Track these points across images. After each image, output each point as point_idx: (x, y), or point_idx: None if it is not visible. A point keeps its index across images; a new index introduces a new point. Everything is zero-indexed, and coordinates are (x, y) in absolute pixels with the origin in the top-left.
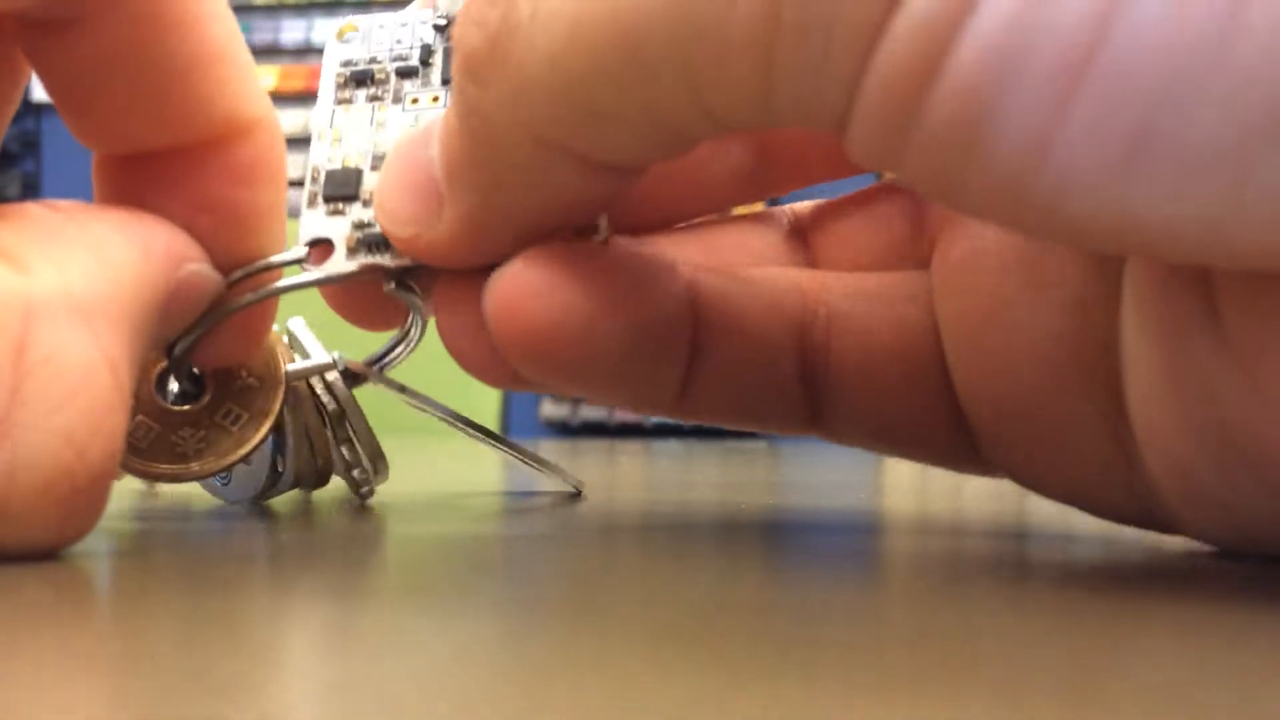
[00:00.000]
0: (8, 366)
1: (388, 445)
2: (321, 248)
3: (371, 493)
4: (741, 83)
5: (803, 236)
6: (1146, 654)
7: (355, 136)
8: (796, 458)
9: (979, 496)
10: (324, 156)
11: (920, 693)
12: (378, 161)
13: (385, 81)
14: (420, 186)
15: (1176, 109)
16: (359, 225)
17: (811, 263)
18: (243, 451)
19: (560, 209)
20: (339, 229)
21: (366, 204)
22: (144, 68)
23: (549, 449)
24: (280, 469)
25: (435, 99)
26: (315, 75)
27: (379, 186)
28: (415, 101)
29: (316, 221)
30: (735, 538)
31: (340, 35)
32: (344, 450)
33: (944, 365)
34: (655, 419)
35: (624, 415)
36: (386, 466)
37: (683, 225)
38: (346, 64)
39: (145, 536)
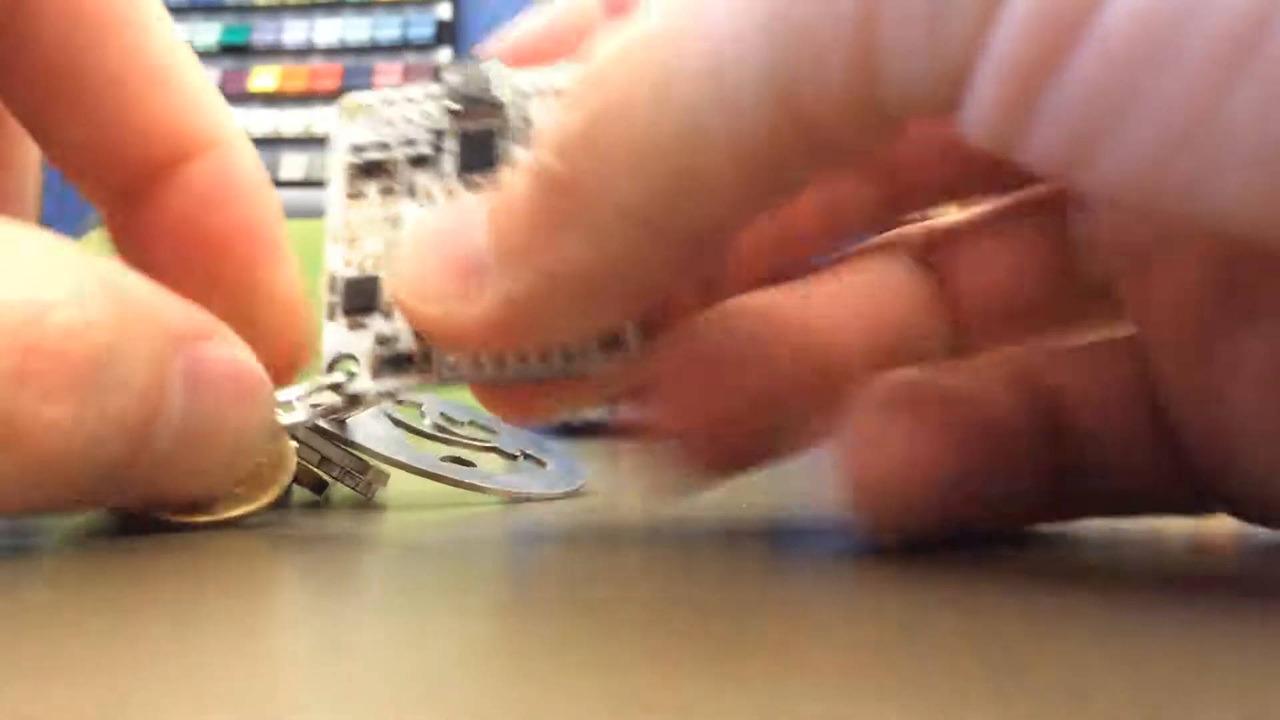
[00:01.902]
0: None
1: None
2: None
3: (373, 492)
4: (840, 77)
5: (930, 264)
6: (1148, 654)
7: (370, 237)
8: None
9: None
10: (340, 261)
11: (921, 693)
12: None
13: (397, 173)
14: (455, 263)
15: None
16: (381, 340)
17: (943, 292)
18: (248, 509)
19: (628, 297)
20: (362, 345)
21: (387, 315)
22: (77, 80)
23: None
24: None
25: (451, 192)
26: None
27: (401, 264)
28: (430, 196)
29: (339, 337)
30: (736, 537)
31: (346, 112)
32: (338, 462)
33: (1162, 411)
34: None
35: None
36: (385, 473)
37: (792, 271)
38: (356, 150)
39: (147, 536)
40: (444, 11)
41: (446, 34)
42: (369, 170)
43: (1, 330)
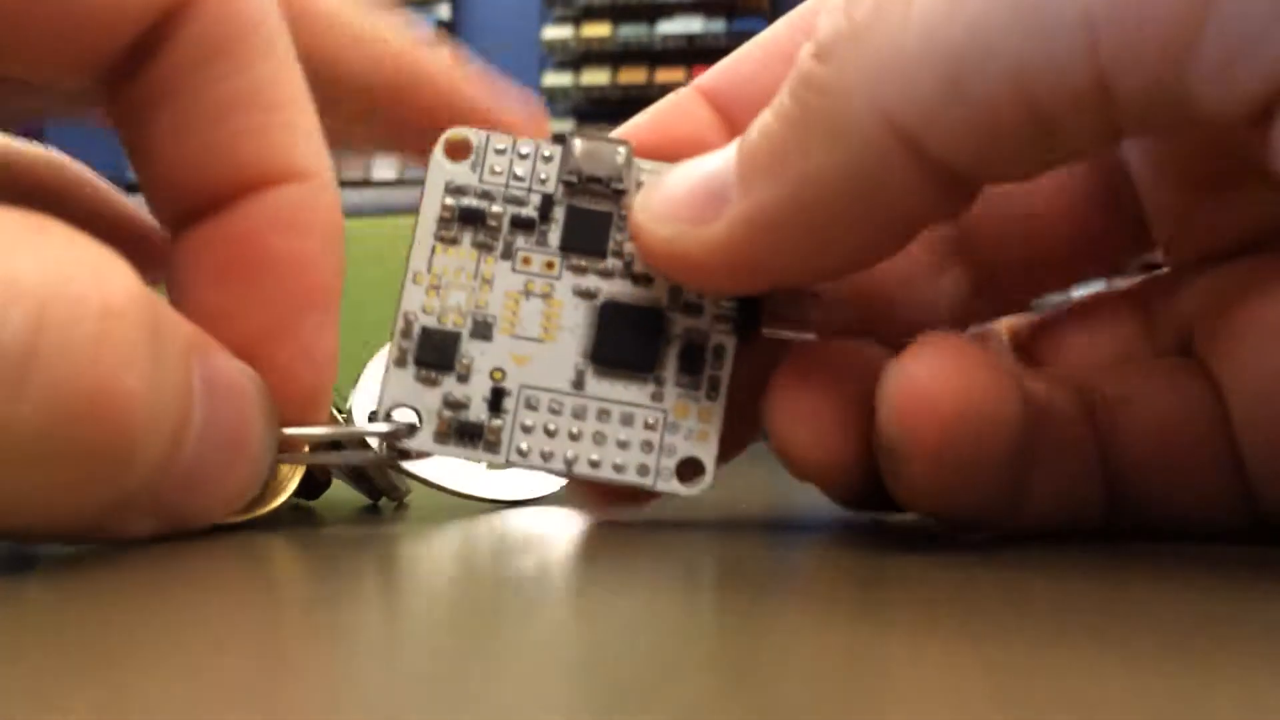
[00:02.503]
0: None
1: None
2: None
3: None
4: (1157, 33)
5: (1022, 351)
6: (1147, 655)
7: (456, 289)
8: None
9: None
10: (419, 305)
11: (921, 693)
12: (479, 328)
13: (496, 229)
14: (701, 187)
15: None
16: (451, 404)
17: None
18: (254, 515)
19: (865, 225)
20: (429, 402)
21: (463, 378)
22: (191, 101)
23: None
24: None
25: (550, 265)
26: None
27: (649, 191)
28: (527, 263)
29: (404, 386)
30: (736, 537)
31: (448, 150)
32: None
33: (1230, 434)
34: None
35: None
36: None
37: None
38: (455, 192)
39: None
40: (443, 11)
41: (446, 34)
42: (466, 217)
43: (74, 295)
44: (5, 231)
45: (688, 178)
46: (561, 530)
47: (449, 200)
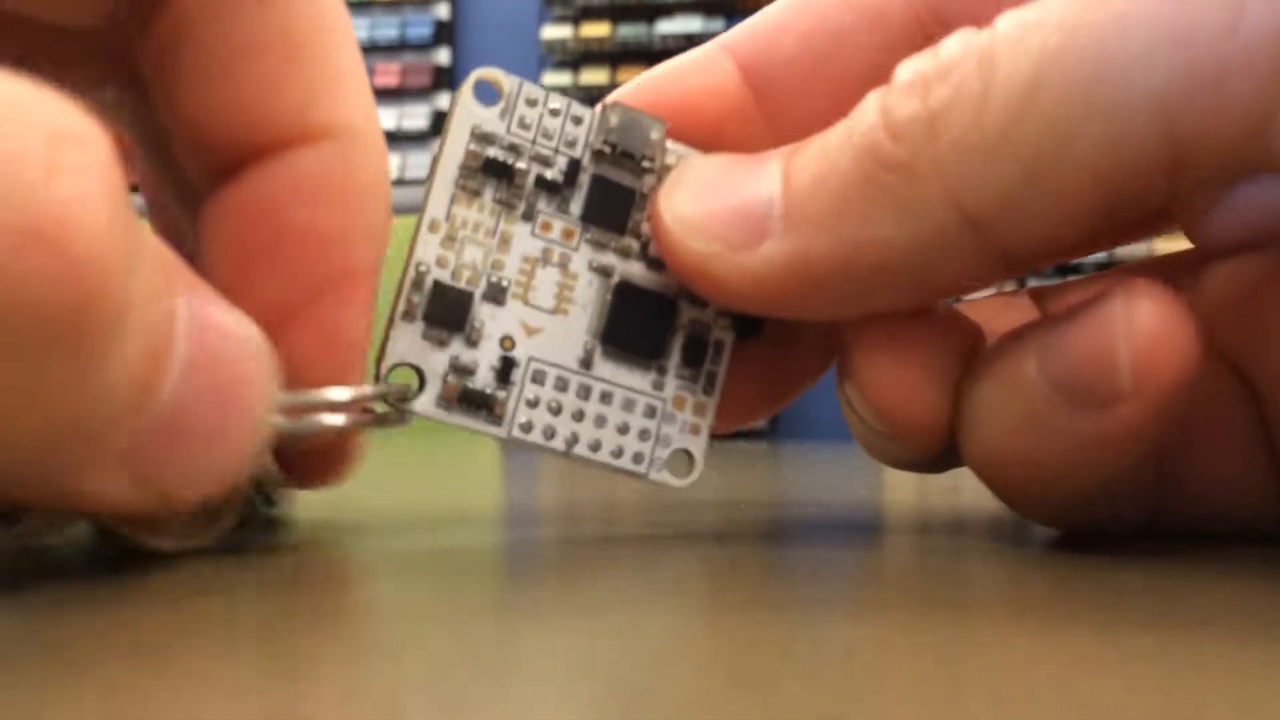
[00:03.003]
0: None
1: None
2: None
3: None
4: (1235, 108)
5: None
6: (1147, 656)
7: (473, 246)
8: (797, 458)
9: (979, 496)
10: (432, 256)
11: (921, 693)
12: (492, 290)
13: (520, 187)
14: (740, 208)
15: None
16: (458, 368)
17: None
18: (220, 528)
19: (911, 290)
20: (435, 364)
21: (472, 343)
22: (206, 41)
23: None
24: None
25: (569, 234)
26: None
27: (674, 194)
28: (547, 228)
29: (409, 342)
30: (735, 537)
31: (481, 88)
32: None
33: (1265, 433)
34: None
35: None
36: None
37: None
38: (481, 139)
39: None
40: (442, 11)
41: (445, 34)
42: (491, 169)
43: (17, 111)
44: None
45: (726, 195)
46: (557, 531)
47: (474, 147)
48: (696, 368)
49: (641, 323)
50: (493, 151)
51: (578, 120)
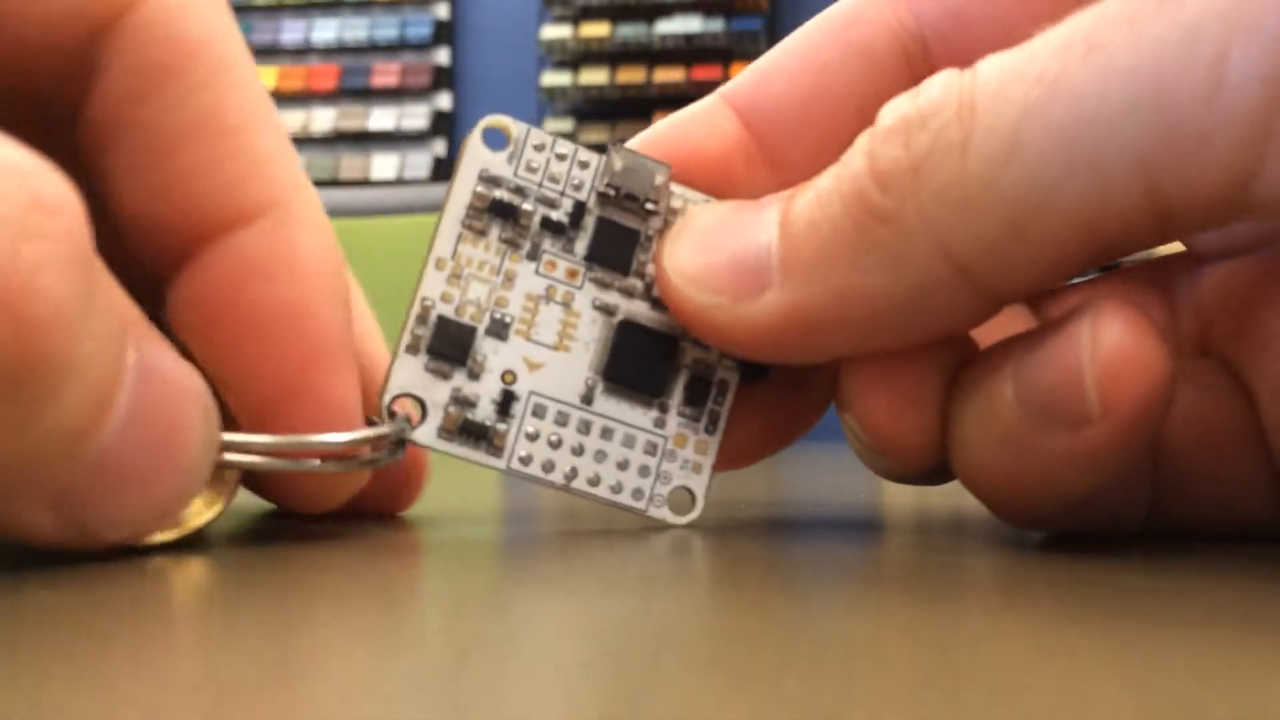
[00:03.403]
0: None
1: None
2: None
3: None
4: (1215, 171)
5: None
6: (1147, 655)
7: (478, 283)
8: (796, 458)
9: None
10: (438, 291)
11: (920, 693)
12: (495, 326)
13: (526, 227)
14: (741, 260)
15: None
16: (459, 400)
17: None
18: (204, 521)
19: (904, 332)
20: (437, 395)
21: (474, 376)
22: (138, 129)
23: None
24: None
25: (574, 274)
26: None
27: (676, 248)
28: (551, 267)
29: (411, 374)
30: (734, 537)
31: (490, 134)
32: None
33: (1262, 436)
34: None
35: None
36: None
37: None
38: (489, 181)
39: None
40: (442, 11)
41: (444, 34)
42: (497, 210)
43: (4, 185)
44: None
45: (725, 245)
46: (556, 529)
47: (481, 189)
48: (699, 407)
49: (644, 361)
50: (499, 193)
51: (584, 164)
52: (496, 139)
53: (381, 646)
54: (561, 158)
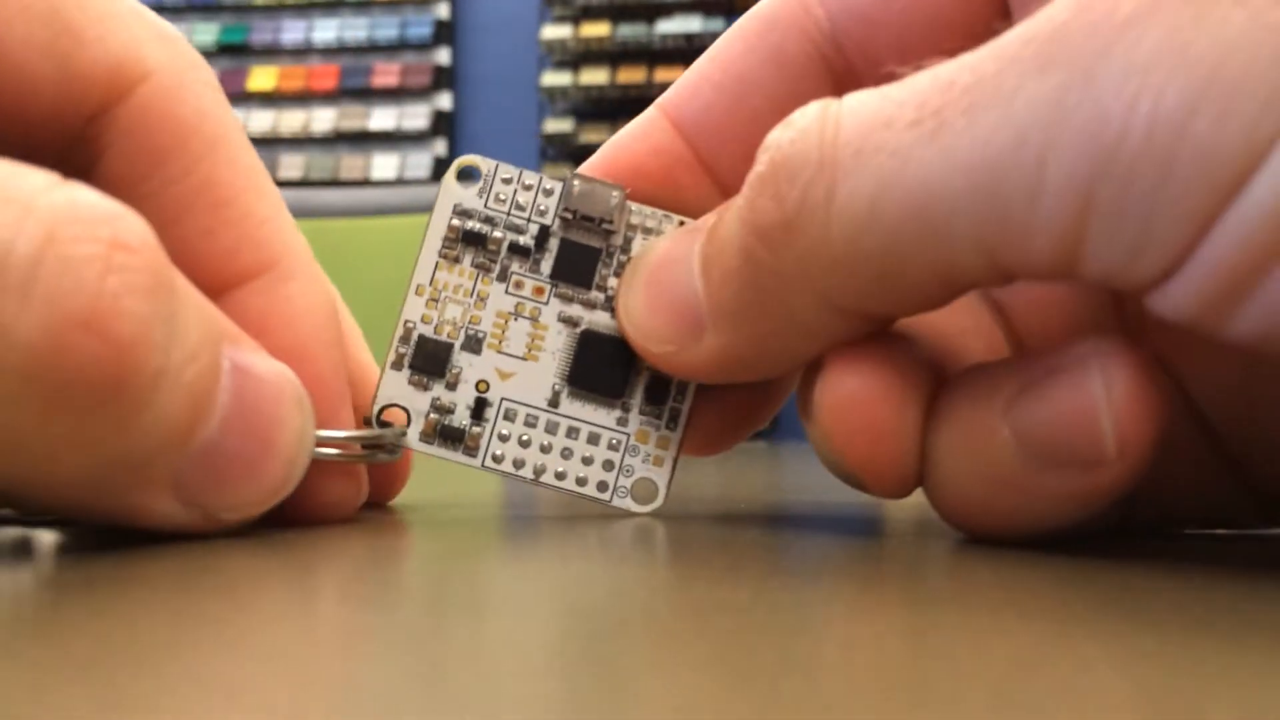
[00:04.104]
0: None
1: None
2: (393, 412)
3: None
4: (1044, 255)
5: (995, 304)
6: (1147, 654)
7: (453, 304)
8: (795, 458)
9: None
10: (418, 314)
11: (920, 693)
12: (470, 341)
13: (495, 252)
14: (680, 309)
15: None
16: (439, 408)
17: (1008, 330)
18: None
19: (818, 348)
20: (419, 404)
21: (451, 386)
22: (144, 206)
23: None
24: None
25: (540, 291)
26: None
27: (630, 300)
28: (520, 286)
29: (397, 387)
30: (733, 537)
31: (463, 172)
32: None
33: (1217, 439)
34: None
35: None
36: None
37: None
38: (462, 214)
39: (144, 542)
40: (442, 11)
41: (445, 34)
42: (469, 239)
43: (86, 222)
44: (31, 174)
45: (665, 294)
46: (555, 524)
47: (455, 221)
48: (660, 405)
49: (605, 366)
50: (471, 224)
51: (548, 192)
52: (470, 175)
53: (374, 641)
54: (528, 187)
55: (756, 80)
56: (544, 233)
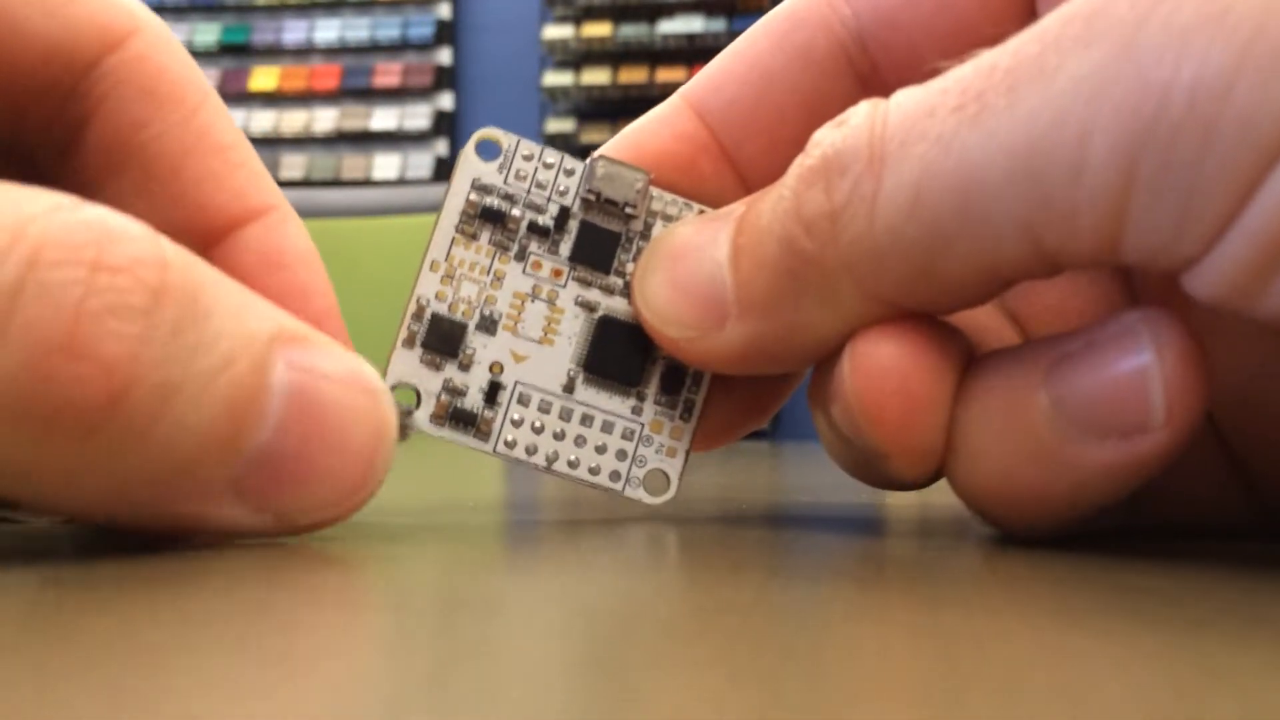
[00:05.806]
0: None
1: None
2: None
3: None
4: (1088, 235)
5: (1011, 314)
6: (1148, 654)
7: (469, 283)
8: (796, 458)
9: None
10: (432, 292)
11: (921, 693)
12: (484, 322)
13: (514, 231)
14: (703, 296)
15: None
16: (450, 389)
17: (1016, 323)
18: None
19: (842, 344)
20: (430, 384)
21: (464, 367)
22: (145, 153)
23: None
24: None
25: (558, 273)
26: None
27: (648, 284)
28: (538, 267)
29: (408, 365)
30: (735, 537)
31: (482, 145)
32: None
33: (1227, 445)
34: None
35: None
36: None
37: None
38: (481, 189)
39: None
40: (444, 11)
41: (446, 34)
42: (488, 216)
43: (71, 246)
44: (36, 197)
45: (688, 279)
46: (558, 526)
47: (474, 197)
48: (675, 395)
49: (622, 353)
50: (490, 200)
51: (569, 172)
52: (489, 150)
53: (378, 646)
54: (549, 166)
55: (782, 77)
56: (564, 214)
